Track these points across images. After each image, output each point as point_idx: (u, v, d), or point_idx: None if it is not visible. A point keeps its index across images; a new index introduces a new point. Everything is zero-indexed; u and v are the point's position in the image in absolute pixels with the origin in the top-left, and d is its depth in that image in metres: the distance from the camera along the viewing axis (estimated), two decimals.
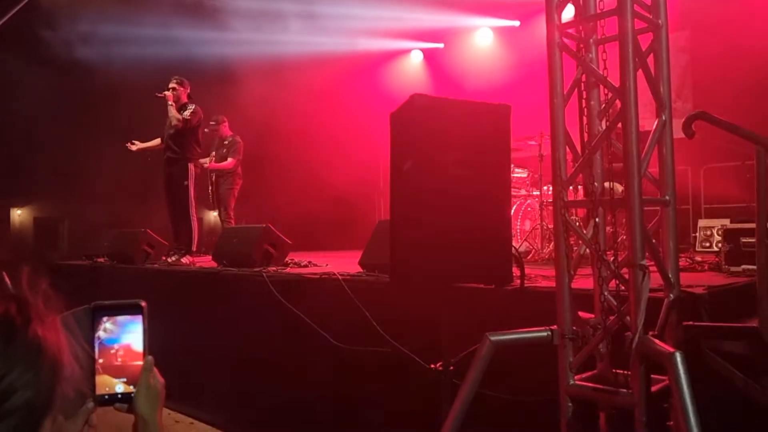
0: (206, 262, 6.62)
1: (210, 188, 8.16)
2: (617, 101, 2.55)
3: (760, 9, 7.61)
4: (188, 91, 7.24)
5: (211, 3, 10.70)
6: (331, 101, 10.12)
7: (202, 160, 7.72)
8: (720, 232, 6.29)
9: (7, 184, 9.61)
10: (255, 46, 10.37)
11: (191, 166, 7.01)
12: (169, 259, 6.69)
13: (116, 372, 1.32)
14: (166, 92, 7.02)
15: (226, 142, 8.15)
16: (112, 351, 1.33)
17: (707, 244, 6.58)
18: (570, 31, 2.81)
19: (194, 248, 6.92)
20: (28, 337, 0.95)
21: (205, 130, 8.23)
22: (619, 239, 3.55)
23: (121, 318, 1.35)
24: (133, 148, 7.36)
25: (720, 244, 4.65)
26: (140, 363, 1.33)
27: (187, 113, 6.98)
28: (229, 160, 8.02)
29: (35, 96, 9.23)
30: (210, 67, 10.26)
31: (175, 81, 7.20)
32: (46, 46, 9.07)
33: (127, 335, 1.35)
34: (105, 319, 1.34)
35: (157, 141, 7.35)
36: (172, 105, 6.98)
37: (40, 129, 9.62)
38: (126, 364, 1.33)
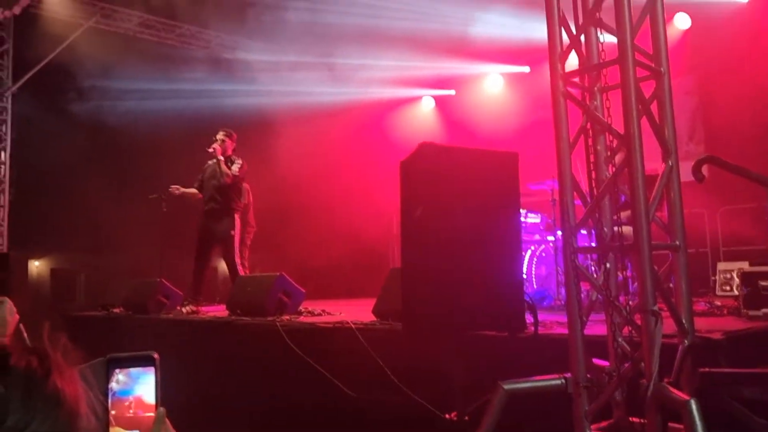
0: (220, 311, 6.64)
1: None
2: (623, 147, 2.60)
3: (766, 50, 7.70)
4: (235, 144, 7.32)
5: (227, 56, 11.07)
6: (345, 149, 10.28)
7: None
8: (739, 276, 6.23)
9: (27, 235, 9.80)
10: (271, 97, 10.65)
11: (237, 216, 7.10)
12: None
13: (129, 424, 1.35)
14: (214, 146, 7.12)
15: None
16: (125, 403, 1.35)
17: (727, 288, 6.49)
18: (574, 79, 2.88)
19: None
20: (47, 389, 0.99)
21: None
22: (634, 285, 3.55)
23: (134, 370, 1.38)
24: (177, 192, 7.32)
25: (739, 288, 4.60)
26: (152, 415, 1.36)
27: (235, 168, 7.08)
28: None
29: (55, 148, 9.50)
30: (227, 118, 10.52)
31: (223, 133, 7.23)
32: (70, 98, 9.39)
33: (140, 387, 1.38)
34: (118, 371, 1.38)
35: (194, 190, 7.41)
36: (221, 160, 7.03)
37: (59, 181, 9.86)
38: (138, 416, 1.35)
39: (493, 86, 11.17)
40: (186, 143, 10.14)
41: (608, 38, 2.79)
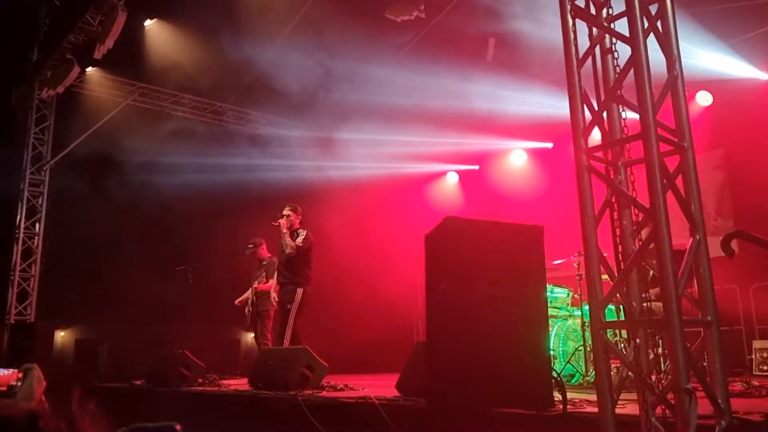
0: (242, 384, 6.56)
1: (247, 309, 8.25)
2: (649, 222, 2.59)
3: None
4: (300, 217, 7.51)
5: (260, 132, 11.42)
6: (371, 223, 10.37)
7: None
8: None
9: (54, 306, 9.91)
10: (302, 171, 10.89)
11: (300, 290, 7.19)
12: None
13: None
14: (280, 220, 7.33)
15: (264, 263, 8.33)
16: None
17: (765, 368, 6.28)
18: (598, 154, 2.91)
19: None
20: None
21: (246, 252, 8.48)
22: (666, 363, 3.45)
23: None
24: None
25: None
26: None
27: (299, 240, 7.22)
28: (270, 282, 8.15)
29: (87, 222, 9.74)
30: (256, 193, 10.75)
31: (289, 208, 7.44)
32: (105, 174, 9.71)
33: None
34: None
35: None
36: (285, 233, 7.21)
37: (89, 254, 10.05)
38: None
39: (516, 161, 11.29)
40: (215, 217, 10.36)
41: (630, 114, 2.84)
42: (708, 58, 8.23)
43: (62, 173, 10.25)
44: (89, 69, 9.86)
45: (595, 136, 2.98)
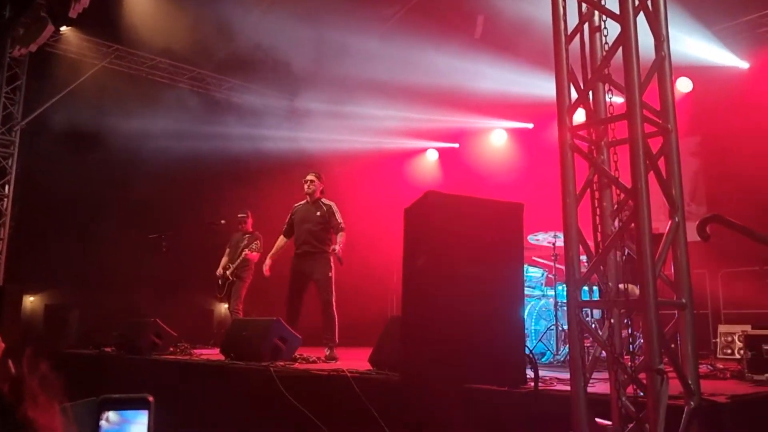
0: (214, 354, 6.52)
1: (220, 281, 8.18)
2: (630, 202, 2.58)
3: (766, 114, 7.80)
4: (323, 186, 7.16)
5: (238, 101, 11.24)
6: (347, 197, 10.30)
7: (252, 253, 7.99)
8: (741, 339, 6.14)
9: (23, 270, 9.71)
10: (279, 142, 10.76)
11: (331, 258, 6.80)
12: (325, 353, 6.25)
13: None
14: (311, 187, 6.97)
15: (247, 236, 8.26)
16: None
17: (729, 351, 6.41)
18: (582, 133, 2.89)
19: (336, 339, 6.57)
20: (15, 417, 0.94)
21: (222, 221, 8.38)
22: (637, 342, 3.49)
23: (126, 412, 1.33)
24: (267, 270, 7.14)
25: (741, 351, 4.53)
26: None
27: (340, 218, 6.87)
28: (255, 254, 8.09)
29: (59, 185, 9.52)
30: (233, 162, 10.61)
31: (313, 174, 7.08)
32: (77, 136, 9.46)
33: (134, 428, 1.32)
34: (110, 412, 1.32)
35: (282, 241, 7.21)
36: (338, 212, 6.87)
37: (58, 216, 9.84)
38: None
39: (496, 140, 11.28)
40: (191, 185, 10.20)
41: (615, 98, 2.81)
42: (691, 44, 8.25)
43: (34, 135, 9.97)
44: (64, 28, 9.53)
45: (579, 117, 2.96)
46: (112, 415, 1.30)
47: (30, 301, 10.60)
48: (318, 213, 6.91)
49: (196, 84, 11.20)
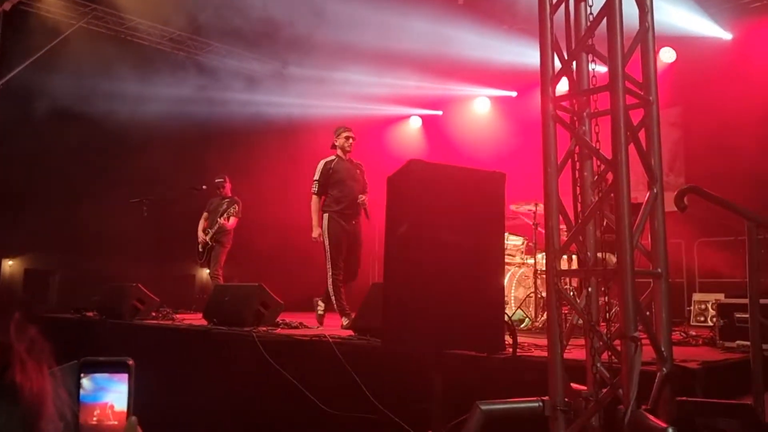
0: (197, 319, 6.55)
1: (200, 246, 8.16)
2: (609, 173, 2.61)
3: (749, 85, 7.85)
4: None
5: (218, 64, 11.04)
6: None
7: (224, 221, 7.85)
8: (714, 307, 6.29)
9: (1, 235, 9.59)
10: (259, 107, 10.63)
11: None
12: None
13: (95, 431, 1.29)
14: (350, 145, 6.51)
15: (226, 201, 8.22)
16: (95, 410, 1.30)
17: (702, 319, 6.56)
18: (564, 104, 2.90)
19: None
20: (4, 381, 0.94)
21: (214, 187, 8.32)
22: (613, 310, 3.56)
23: (107, 375, 1.33)
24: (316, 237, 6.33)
25: (714, 319, 4.64)
26: (123, 423, 1.31)
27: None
28: (232, 219, 8.07)
29: (38, 148, 9.36)
30: (214, 126, 10.48)
31: (350, 131, 6.59)
32: (55, 98, 9.27)
33: (112, 394, 1.32)
34: (91, 375, 1.32)
35: (318, 203, 6.61)
36: (359, 164, 6.50)
37: (38, 179, 9.70)
38: (108, 424, 1.30)
39: (479, 108, 11.25)
40: (172, 150, 10.06)
41: (599, 68, 2.82)
42: (675, 13, 8.23)
43: (11, 97, 9.74)
44: None
45: (562, 88, 2.96)
46: (91, 381, 1.31)
47: (9, 265, 10.50)
48: (358, 172, 6.51)
49: (177, 46, 10.97)
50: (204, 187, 8.57)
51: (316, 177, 6.42)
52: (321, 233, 6.23)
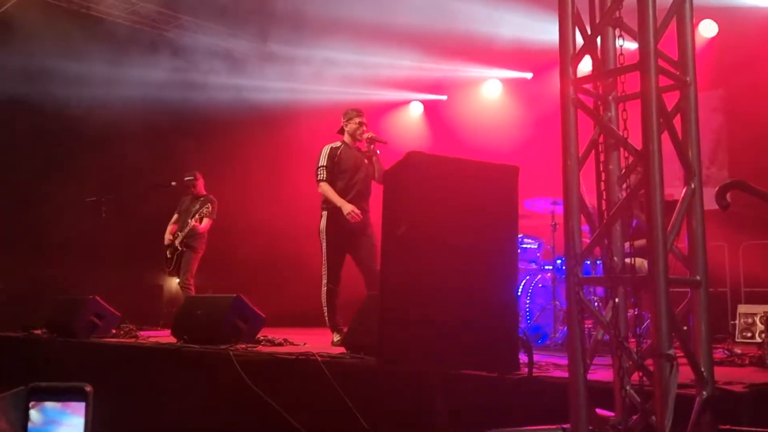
0: (164, 336, 6.54)
1: (168, 251, 8.15)
2: (639, 165, 2.61)
3: None
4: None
5: (190, 42, 11.01)
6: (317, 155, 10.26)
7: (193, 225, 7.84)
8: (763, 321, 6.29)
9: None
10: (238, 91, 10.61)
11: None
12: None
13: None
14: (366, 132, 6.32)
15: (199, 200, 8.21)
16: None
17: (748, 334, 6.57)
18: (587, 86, 2.90)
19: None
20: None
21: (184, 185, 8.31)
22: (644, 325, 3.57)
23: (59, 406, 1.32)
24: (350, 211, 6.05)
25: (763, 335, 4.64)
26: None
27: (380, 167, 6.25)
28: (205, 221, 8.06)
29: None
30: (187, 114, 10.43)
31: (362, 116, 6.46)
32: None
33: (67, 425, 1.32)
34: (41, 405, 1.31)
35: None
36: (378, 154, 6.25)
37: None
38: None
39: (490, 92, 11.24)
40: (135, 141, 10.03)
41: (627, 45, 2.82)
42: None
43: None
44: None
45: (584, 68, 2.96)
46: (42, 408, 1.29)
47: None
48: (367, 161, 6.35)
49: (141, 20, 10.93)
50: (173, 183, 8.56)
51: (323, 163, 6.29)
52: (351, 211, 6.03)
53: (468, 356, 3.06)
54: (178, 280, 8.33)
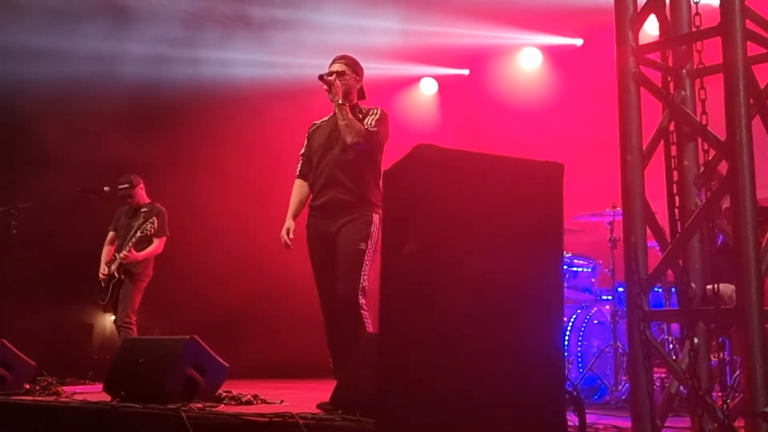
0: (95, 392, 6.54)
1: (102, 281, 8.15)
2: (723, 162, 2.60)
3: None
4: (361, 85, 6.24)
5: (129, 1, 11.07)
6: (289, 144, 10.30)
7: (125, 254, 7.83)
8: None
9: None
10: (206, 66, 10.68)
11: (376, 218, 5.80)
12: None
13: None
14: (329, 77, 5.96)
15: (143, 211, 8.21)
16: None
17: None
18: (652, 56, 2.90)
19: None
20: None
21: (118, 194, 8.31)
22: (735, 375, 3.55)
23: None
24: (288, 240, 6.08)
25: None
26: None
27: (372, 121, 5.88)
28: (156, 241, 8.06)
29: None
30: (144, 97, 10.46)
31: (344, 62, 6.16)
32: None
33: None
34: None
35: (302, 188, 6.18)
36: (343, 105, 5.85)
37: None
38: None
39: (526, 65, 11.26)
40: (58, 131, 10.06)
41: (705, 1, 2.82)
42: None
43: None
44: None
45: (649, 32, 2.96)
46: None
47: None
48: (338, 133, 5.96)
49: None
50: (106, 188, 8.55)
51: (301, 150, 6.33)
52: (288, 231, 6.04)
53: (498, 417, 3.05)
54: (114, 318, 8.33)
